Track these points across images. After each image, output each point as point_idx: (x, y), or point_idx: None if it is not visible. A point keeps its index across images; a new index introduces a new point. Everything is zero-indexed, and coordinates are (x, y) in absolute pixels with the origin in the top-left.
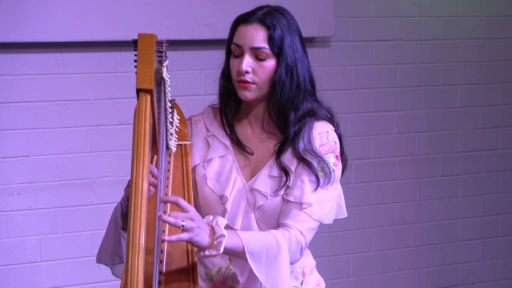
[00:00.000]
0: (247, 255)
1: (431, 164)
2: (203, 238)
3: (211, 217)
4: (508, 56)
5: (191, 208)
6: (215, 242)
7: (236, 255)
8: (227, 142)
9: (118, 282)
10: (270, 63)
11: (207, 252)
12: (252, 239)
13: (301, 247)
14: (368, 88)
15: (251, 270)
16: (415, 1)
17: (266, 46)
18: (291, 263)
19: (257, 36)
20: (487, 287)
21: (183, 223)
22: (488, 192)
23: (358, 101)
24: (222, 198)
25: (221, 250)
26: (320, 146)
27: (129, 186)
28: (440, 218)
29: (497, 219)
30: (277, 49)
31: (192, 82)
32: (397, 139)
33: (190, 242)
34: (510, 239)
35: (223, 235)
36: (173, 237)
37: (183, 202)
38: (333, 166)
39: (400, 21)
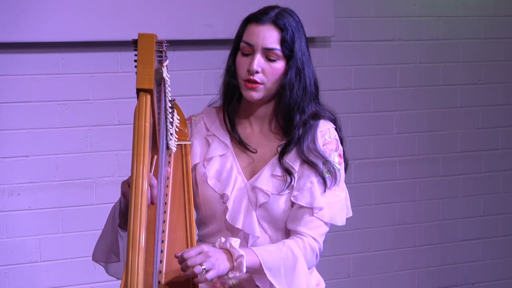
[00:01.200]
0: (266, 271)
1: (431, 164)
2: (224, 265)
3: (223, 239)
4: (508, 56)
5: (197, 247)
6: (235, 264)
7: (255, 272)
8: (227, 141)
9: (118, 282)
10: (280, 64)
11: (230, 275)
12: (268, 254)
13: (316, 254)
14: (368, 88)
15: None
16: (415, 1)
17: (278, 47)
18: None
19: (270, 37)
20: (487, 287)
21: (203, 268)
22: (488, 192)
23: (358, 101)
24: (223, 197)
25: (244, 270)
26: (323, 145)
27: (127, 182)
28: (440, 218)
29: (497, 219)
30: (289, 51)
31: (192, 82)
32: (397, 139)
33: (217, 276)
34: (510, 239)
35: (242, 255)
36: (207, 279)
37: (186, 252)
38: (338, 166)
39: (400, 21)
